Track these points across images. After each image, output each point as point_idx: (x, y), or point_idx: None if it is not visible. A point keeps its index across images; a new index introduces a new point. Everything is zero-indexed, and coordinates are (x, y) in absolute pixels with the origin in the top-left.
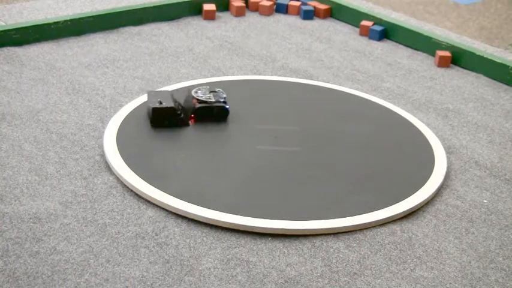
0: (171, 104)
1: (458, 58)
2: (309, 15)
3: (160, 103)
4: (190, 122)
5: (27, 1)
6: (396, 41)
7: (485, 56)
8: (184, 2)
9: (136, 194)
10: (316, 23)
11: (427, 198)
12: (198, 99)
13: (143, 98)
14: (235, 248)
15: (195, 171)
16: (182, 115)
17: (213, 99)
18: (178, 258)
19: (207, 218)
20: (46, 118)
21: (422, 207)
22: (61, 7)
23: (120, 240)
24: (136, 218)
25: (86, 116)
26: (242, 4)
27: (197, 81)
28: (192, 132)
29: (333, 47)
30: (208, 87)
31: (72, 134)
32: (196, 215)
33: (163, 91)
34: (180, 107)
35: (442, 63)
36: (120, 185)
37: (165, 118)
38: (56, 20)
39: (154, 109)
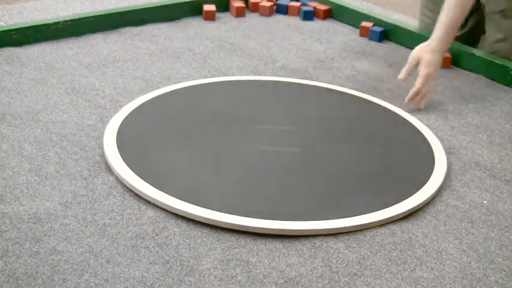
0: None
1: (459, 59)
2: (309, 16)
3: None
4: None
5: (27, 1)
6: (396, 42)
7: (485, 57)
8: (185, 2)
9: (137, 195)
10: (316, 24)
11: (427, 198)
12: None
13: (143, 98)
14: (235, 248)
15: (195, 171)
16: None
17: None
18: (178, 259)
19: (207, 218)
20: (46, 118)
21: (422, 207)
22: (61, 7)
23: (120, 241)
24: (136, 218)
25: (86, 116)
26: (242, 5)
27: (197, 81)
28: (192, 132)
29: (333, 48)
30: None
31: (72, 135)
32: (196, 215)
33: None
34: None
35: (442, 64)
36: (120, 185)
37: None
38: (56, 21)
39: None
